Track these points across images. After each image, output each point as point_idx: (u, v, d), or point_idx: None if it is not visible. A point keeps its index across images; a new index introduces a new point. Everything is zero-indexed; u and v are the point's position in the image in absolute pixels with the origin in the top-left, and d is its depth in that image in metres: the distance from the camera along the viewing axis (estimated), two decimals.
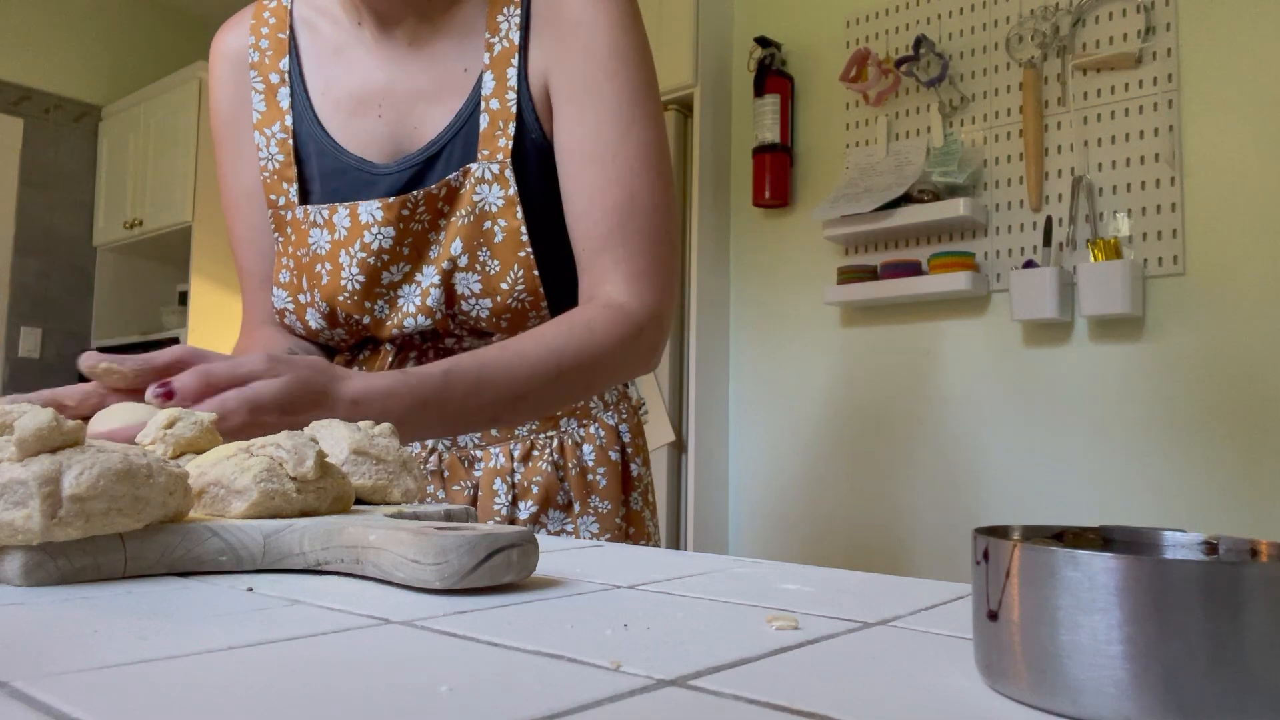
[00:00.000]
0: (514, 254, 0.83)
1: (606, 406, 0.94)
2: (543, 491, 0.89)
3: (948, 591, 0.41)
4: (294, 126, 0.91)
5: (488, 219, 0.83)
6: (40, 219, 3.98)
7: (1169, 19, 2.01)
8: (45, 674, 0.25)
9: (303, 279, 0.89)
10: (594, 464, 0.91)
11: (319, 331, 0.90)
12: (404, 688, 0.25)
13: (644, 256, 0.82)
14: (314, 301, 0.88)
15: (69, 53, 4.06)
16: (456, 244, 0.84)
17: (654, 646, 0.30)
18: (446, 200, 0.84)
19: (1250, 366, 1.89)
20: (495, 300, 0.84)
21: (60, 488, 0.37)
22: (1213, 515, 1.90)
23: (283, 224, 0.91)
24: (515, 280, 0.83)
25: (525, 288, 0.84)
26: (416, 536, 0.39)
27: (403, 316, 0.86)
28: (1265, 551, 0.27)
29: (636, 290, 0.82)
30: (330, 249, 0.87)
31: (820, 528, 2.45)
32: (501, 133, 0.83)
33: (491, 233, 0.83)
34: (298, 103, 0.91)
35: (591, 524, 0.90)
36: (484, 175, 0.83)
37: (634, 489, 0.95)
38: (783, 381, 2.57)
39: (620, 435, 0.94)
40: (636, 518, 0.95)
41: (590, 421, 0.92)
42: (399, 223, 0.84)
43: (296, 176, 0.90)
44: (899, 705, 0.24)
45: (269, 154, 0.92)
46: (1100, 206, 2.06)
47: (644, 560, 0.50)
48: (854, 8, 2.49)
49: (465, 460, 0.90)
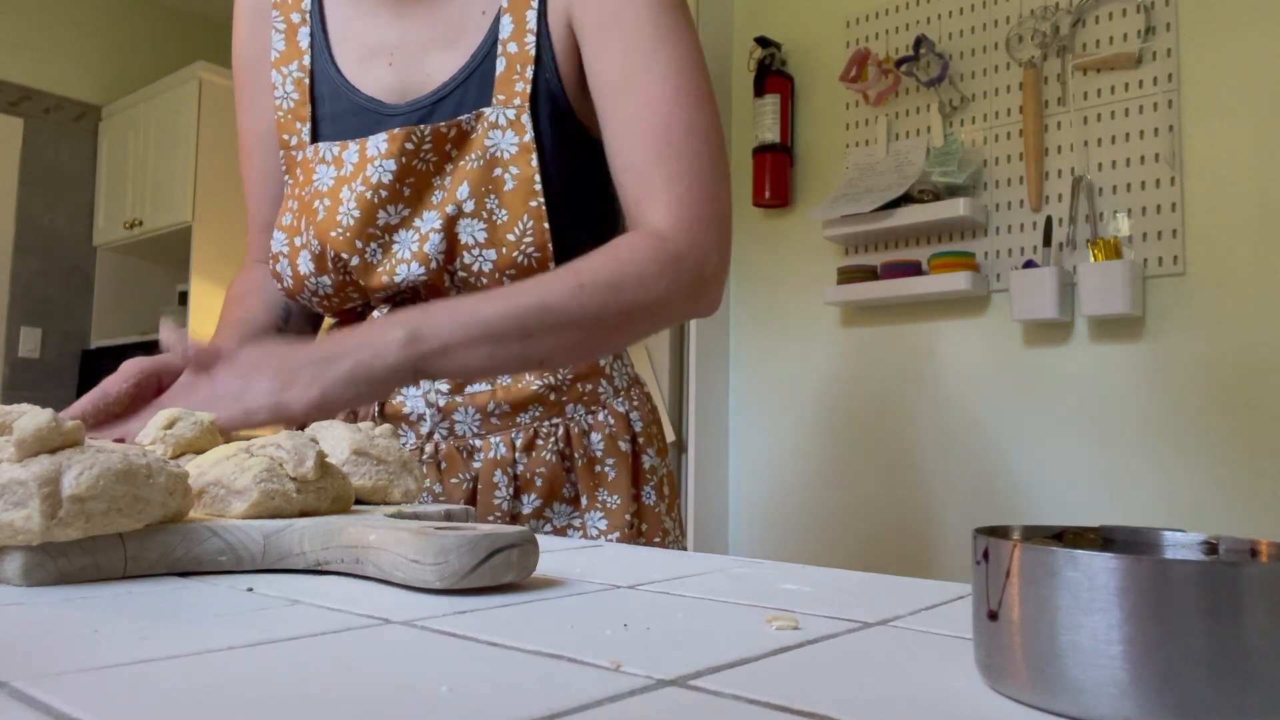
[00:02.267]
0: (524, 204, 0.78)
1: (616, 392, 0.88)
2: (547, 484, 0.84)
3: (948, 591, 0.41)
4: (311, 66, 0.89)
5: (498, 165, 0.79)
6: (40, 219, 3.97)
7: (1169, 19, 2.01)
8: (45, 674, 0.25)
9: (302, 219, 0.85)
10: (602, 454, 0.86)
11: (306, 278, 0.85)
12: (404, 688, 0.25)
13: (681, 181, 0.76)
14: (308, 242, 0.84)
15: (69, 53, 4.06)
16: (463, 188, 0.79)
17: (654, 646, 0.30)
18: (455, 143, 0.80)
19: (1250, 366, 1.89)
20: (500, 253, 0.79)
21: (60, 488, 0.37)
22: (1213, 515, 1.90)
23: (293, 165, 0.89)
24: (523, 232, 0.78)
25: (534, 241, 0.79)
26: (416, 536, 0.39)
27: (395, 264, 0.81)
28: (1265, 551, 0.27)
29: (674, 215, 0.76)
30: (333, 185, 0.84)
31: (820, 528, 2.45)
32: (519, 77, 0.80)
33: (501, 180, 0.79)
34: (316, 43, 0.89)
35: (599, 520, 0.85)
36: (498, 120, 0.79)
37: (646, 482, 0.89)
38: (783, 381, 2.57)
39: (631, 424, 0.89)
40: (649, 514, 0.88)
41: (599, 408, 0.87)
42: (401, 156, 0.80)
43: (310, 116, 0.88)
44: (899, 705, 0.24)
45: (284, 93, 0.90)
46: (1100, 206, 2.06)
47: (644, 560, 0.50)
48: (854, 8, 2.49)
49: (464, 450, 0.85)
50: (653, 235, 0.75)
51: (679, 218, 0.76)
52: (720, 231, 0.78)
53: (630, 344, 0.85)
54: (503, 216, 0.79)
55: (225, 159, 3.79)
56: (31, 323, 3.93)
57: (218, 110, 3.77)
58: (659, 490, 0.90)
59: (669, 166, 0.76)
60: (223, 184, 3.78)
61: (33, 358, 3.91)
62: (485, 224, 0.79)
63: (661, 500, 0.90)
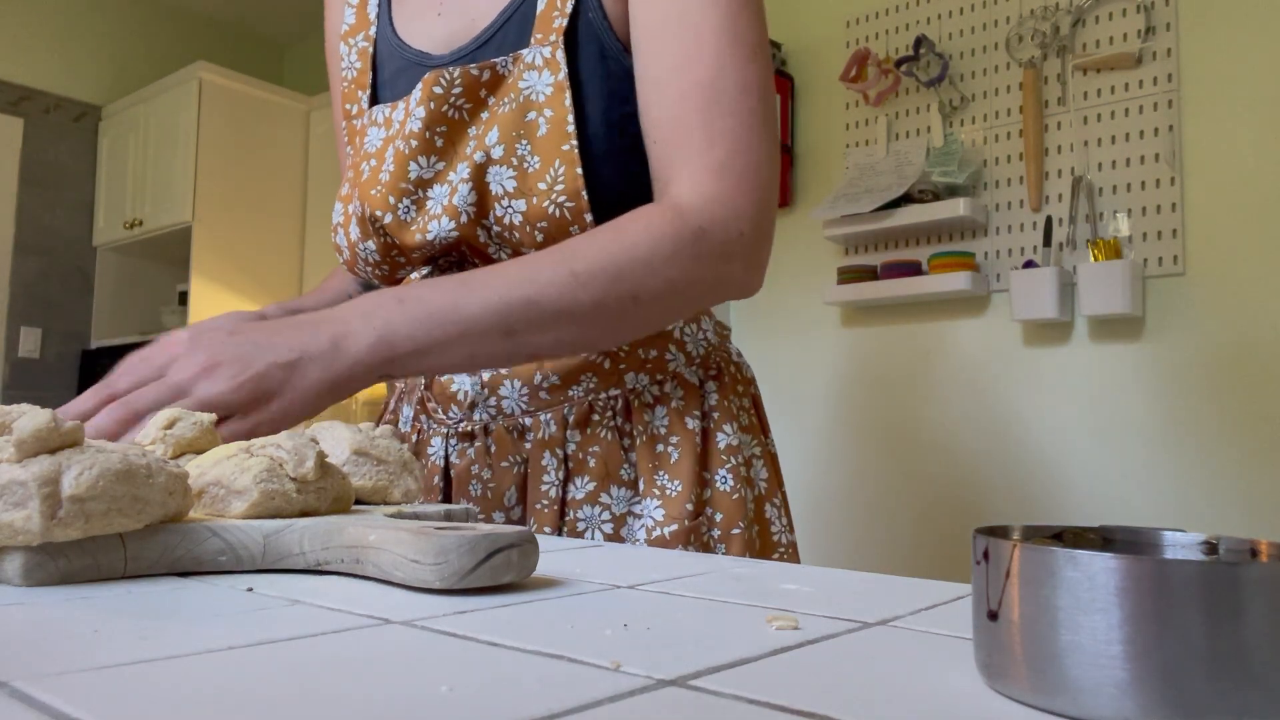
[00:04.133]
0: (557, 148, 0.70)
1: (690, 360, 0.77)
2: (601, 465, 0.74)
3: (948, 591, 0.41)
4: (375, 35, 0.85)
5: (532, 109, 0.72)
6: (40, 219, 3.97)
7: (1169, 19, 2.01)
8: (45, 674, 0.25)
9: (354, 185, 0.80)
10: (666, 431, 0.76)
11: (356, 245, 0.80)
12: (404, 688, 0.25)
13: (724, 145, 0.67)
14: (356, 206, 0.79)
15: (69, 53, 4.06)
16: (493, 134, 0.72)
17: (654, 646, 0.30)
18: (490, 88, 0.74)
19: (1250, 366, 1.89)
20: (530, 202, 0.71)
21: (60, 488, 0.37)
22: (1213, 515, 1.90)
23: (353, 134, 0.84)
24: (555, 179, 0.70)
25: (565, 189, 0.70)
26: (416, 536, 0.39)
27: (428, 220, 0.74)
28: (1265, 551, 0.27)
29: (706, 184, 0.67)
30: (380, 145, 0.79)
31: (820, 527, 2.45)
32: (559, 13, 0.72)
33: (535, 124, 0.71)
34: (381, 10, 0.86)
35: (656, 509, 0.74)
36: (534, 61, 0.72)
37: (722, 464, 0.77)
38: (783, 382, 2.56)
39: (705, 396, 0.78)
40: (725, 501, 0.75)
41: (666, 378, 0.77)
42: (430, 102, 0.73)
43: (370, 83, 0.84)
44: (899, 705, 0.24)
45: (349, 63, 0.86)
46: (1100, 206, 2.06)
47: (644, 560, 0.50)
48: (854, 8, 2.49)
49: (514, 430, 0.76)
50: (671, 209, 0.67)
51: (710, 187, 0.67)
52: (760, 205, 0.69)
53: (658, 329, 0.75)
54: (534, 164, 0.71)
55: (225, 159, 3.79)
56: (31, 323, 3.93)
57: (218, 110, 3.77)
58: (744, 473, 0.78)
59: (714, 126, 0.67)
60: (223, 184, 3.78)
61: (33, 358, 3.91)
62: (515, 171, 0.71)
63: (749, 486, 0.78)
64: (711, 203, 0.67)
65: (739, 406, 0.81)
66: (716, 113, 0.67)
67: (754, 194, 0.68)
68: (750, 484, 0.79)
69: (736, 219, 0.68)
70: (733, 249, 0.68)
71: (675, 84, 0.68)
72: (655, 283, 0.66)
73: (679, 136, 0.69)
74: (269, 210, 3.95)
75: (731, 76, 0.68)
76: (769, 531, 0.80)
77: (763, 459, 0.82)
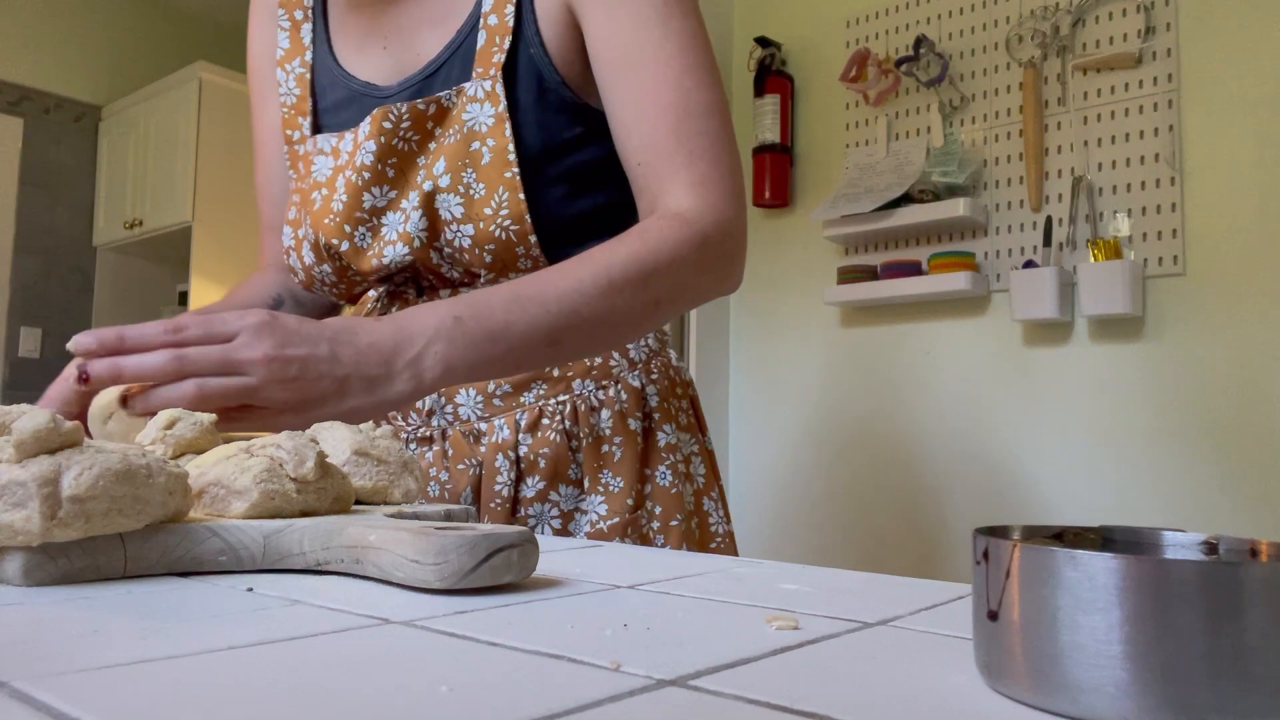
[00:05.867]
0: (500, 175, 0.76)
1: (632, 365, 0.83)
2: (550, 466, 0.80)
3: (948, 591, 0.41)
4: (312, 60, 0.90)
5: (476, 139, 0.78)
6: (40, 219, 3.97)
7: (1169, 19, 2.01)
8: (45, 674, 0.25)
9: (303, 211, 0.85)
10: (610, 433, 0.81)
11: (311, 269, 0.86)
12: (404, 688, 0.25)
13: (704, 160, 0.74)
14: (308, 233, 0.84)
15: (69, 53, 4.06)
16: (440, 163, 0.78)
17: (654, 646, 0.30)
18: (436, 120, 0.79)
19: (1250, 366, 1.89)
20: (478, 227, 0.77)
21: (59, 488, 0.37)
22: (1213, 515, 1.90)
23: (295, 160, 0.89)
24: (499, 205, 0.76)
25: (509, 213, 0.76)
26: (416, 536, 0.39)
27: (383, 245, 0.80)
28: (1265, 551, 0.27)
29: (699, 196, 0.73)
30: (330, 174, 0.83)
31: (820, 527, 2.45)
32: (498, 48, 0.79)
33: (479, 154, 0.78)
34: (318, 36, 0.90)
35: (599, 505, 0.80)
36: (476, 93, 0.78)
37: (661, 461, 0.83)
38: (783, 381, 2.56)
39: (646, 399, 0.83)
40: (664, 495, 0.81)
41: (611, 383, 0.82)
42: (380, 136, 0.79)
43: (311, 110, 0.89)
44: (899, 705, 0.24)
45: (288, 89, 0.91)
46: (1100, 206, 2.06)
47: (644, 560, 0.50)
48: (854, 8, 2.49)
49: (469, 435, 0.81)
50: (678, 218, 0.72)
51: (702, 198, 0.73)
52: (740, 210, 0.76)
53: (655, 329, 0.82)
54: (480, 190, 0.77)
55: (225, 159, 3.79)
56: (31, 323, 3.93)
57: (218, 110, 3.77)
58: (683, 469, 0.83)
59: (690, 145, 0.74)
60: (223, 184, 3.78)
61: (33, 358, 3.91)
62: (462, 198, 0.77)
63: (687, 481, 0.84)
64: (708, 211, 0.73)
65: (677, 407, 0.87)
66: (690, 133, 0.74)
67: (734, 202, 0.75)
68: (689, 479, 0.85)
69: (729, 224, 0.74)
70: (729, 250, 0.75)
71: (649, 111, 0.74)
72: (676, 285, 0.72)
73: (661, 158, 0.74)
74: None
75: (696, 99, 0.74)
76: (706, 523, 0.86)
77: (700, 456, 0.88)
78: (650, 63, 0.74)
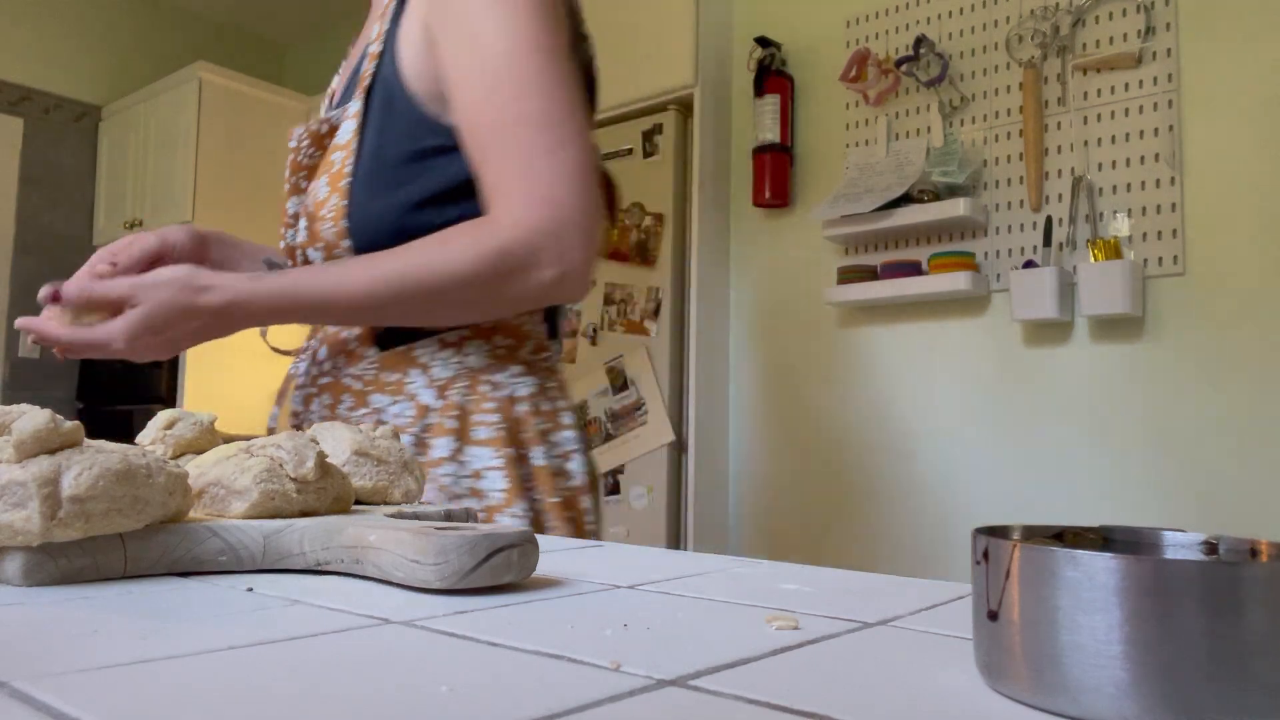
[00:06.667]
0: (337, 182, 0.86)
1: (431, 383, 0.85)
2: None
3: (948, 591, 0.41)
4: None
5: (337, 150, 0.88)
6: (40, 219, 3.97)
7: (1169, 19, 2.01)
8: (45, 674, 0.25)
9: None
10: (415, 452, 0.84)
11: None
12: (404, 688, 0.25)
13: (510, 173, 0.77)
14: None
15: (69, 53, 4.06)
16: (320, 173, 0.89)
17: (654, 646, 0.30)
18: (330, 136, 0.91)
19: (1250, 366, 1.89)
20: (314, 229, 0.87)
21: (59, 488, 0.37)
22: (1212, 515, 1.90)
23: None
24: (330, 209, 0.85)
25: (333, 216, 0.85)
26: (416, 536, 0.39)
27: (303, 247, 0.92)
28: (1265, 551, 0.27)
29: (502, 207, 0.77)
30: None
31: (820, 527, 2.45)
32: (368, 73, 0.88)
33: (333, 162, 0.87)
34: None
35: None
36: (349, 112, 0.88)
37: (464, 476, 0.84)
38: (783, 381, 2.57)
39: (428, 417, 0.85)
40: None
41: (404, 400, 0.85)
42: (291, 154, 0.94)
43: None
44: (899, 705, 0.24)
45: None
46: (1100, 206, 2.06)
47: (644, 560, 0.50)
48: (854, 8, 2.49)
49: None
50: (481, 225, 0.77)
51: (506, 210, 0.77)
52: (559, 218, 0.76)
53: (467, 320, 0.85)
54: (323, 194, 0.86)
55: (225, 159, 3.79)
56: None
57: (218, 110, 3.77)
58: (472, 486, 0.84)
59: (499, 159, 0.78)
60: (223, 184, 3.78)
61: (33, 358, 3.91)
62: (312, 200, 0.88)
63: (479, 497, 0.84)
64: (511, 224, 0.76)
65: (483, 422, 0.87)
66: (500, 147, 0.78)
67: (542, 209, 0.76)
68: (480, 495, 0.85)
69: (535, 236, 0.76)
70: (532, 260, 0.77)
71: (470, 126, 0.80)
72: (456, 288, 0.77)
73: (486, 170, 0.79)
74: (269, 210, 3.94)
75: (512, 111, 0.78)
76: None
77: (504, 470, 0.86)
78: (472, 81, 0.80)
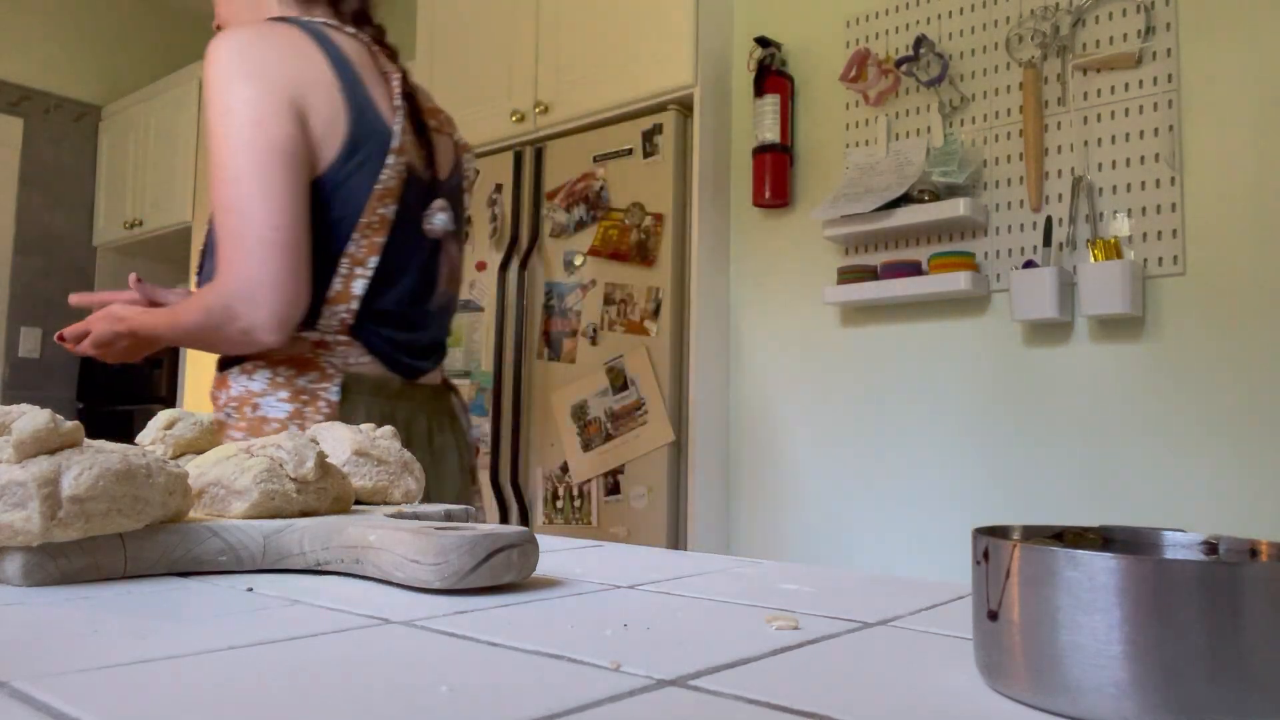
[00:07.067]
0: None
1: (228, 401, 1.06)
2: None
3: (948, 591, 0.41)
4: None
5: None
6: (40, 219, 3.97)
7: (1169, 19, 2.01)
8: (45, 674, 0.25)
9: None
10: None
11: None
12: (404, 688, 0.25)
13: (225, 252, 0.97)
14: None
15: (69, 53, 4.06)
16: None
17: (654, 646, 0.30)
18: None
19: (1250, 366, 1.89)
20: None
21: (59, 489, 0.37)
22: (1213, 515, 1.90)
23: None
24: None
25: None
26: (416, 537, 0.39)
27: None
28: (1265, 551, 0.27)
29: (223, 278, 0.97)
30: None
31: (820, 528, 2.45)
32: None
33: None
34: None
35: None
36: None
37: None
38: (783, 381, 2.57)
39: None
40: None
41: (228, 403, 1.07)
42: None
43: None
44: (899, 705, 0.24)
45: None
46: (1100, 206, 2.06)
47: (644, 560, 0.50)
48: (854, 8, 2.49)
49: None
50: (216, 287, 0.98)
51: (225, 281, 0.97)
52: (246, 288, 0.96)
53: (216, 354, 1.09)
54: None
55: None
56: (31, 323, 3.93)
57: None
58: None
59: (221, 240, 0.98)
60: None
61: (33, 358, 3.91)
62: None
63: None
64: (230, 293, 0.97)
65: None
66: (219, 231, 0.98)
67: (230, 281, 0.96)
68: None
69: (247, 301, 0.97)
70: (245, 319, 0.98)
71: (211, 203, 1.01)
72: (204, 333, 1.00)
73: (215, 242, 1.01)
74: None
75: (221, 205, 0.98)
76: None
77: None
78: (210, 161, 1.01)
